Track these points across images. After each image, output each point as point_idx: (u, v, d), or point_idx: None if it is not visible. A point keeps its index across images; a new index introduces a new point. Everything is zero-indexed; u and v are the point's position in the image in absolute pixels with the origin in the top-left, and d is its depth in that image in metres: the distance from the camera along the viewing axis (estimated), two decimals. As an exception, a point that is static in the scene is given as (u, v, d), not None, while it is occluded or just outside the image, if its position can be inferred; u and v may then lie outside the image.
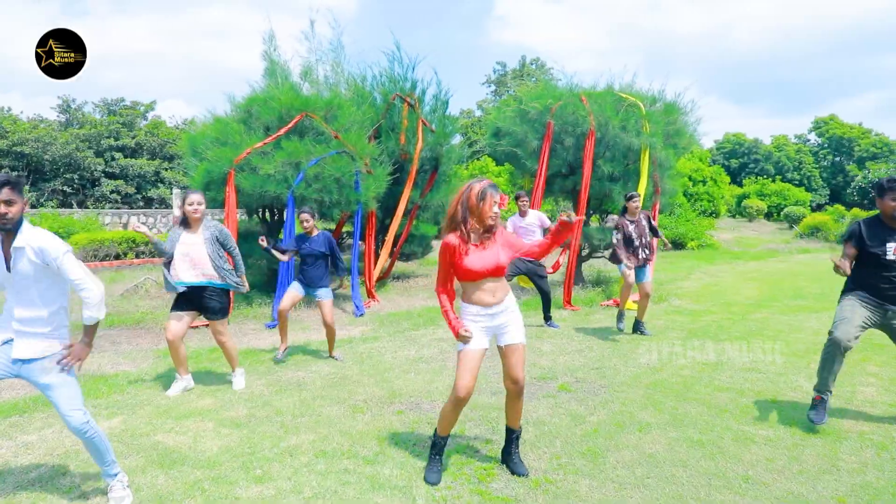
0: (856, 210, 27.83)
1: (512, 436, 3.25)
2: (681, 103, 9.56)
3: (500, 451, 3.36)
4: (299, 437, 3.71)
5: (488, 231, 2.96)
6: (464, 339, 2.94)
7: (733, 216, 31.15)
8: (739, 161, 52.19)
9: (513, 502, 2.90)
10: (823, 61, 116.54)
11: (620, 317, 6.93)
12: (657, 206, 9.60)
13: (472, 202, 2.91)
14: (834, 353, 3.77)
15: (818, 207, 46.58)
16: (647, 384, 4.86)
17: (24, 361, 2.68)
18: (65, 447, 3.54)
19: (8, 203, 2.57)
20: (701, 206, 19.65)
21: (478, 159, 24.31)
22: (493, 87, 48.34)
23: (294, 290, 5.56)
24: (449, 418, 3.12)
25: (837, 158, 52.30)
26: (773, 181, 31.48)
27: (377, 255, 10.14)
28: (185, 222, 4.60)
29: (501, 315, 3.05)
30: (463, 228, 2.92)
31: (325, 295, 5.55)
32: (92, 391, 4.56)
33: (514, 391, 3.10)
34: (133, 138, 25.33)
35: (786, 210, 26.58)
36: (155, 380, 4.99)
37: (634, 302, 8.83)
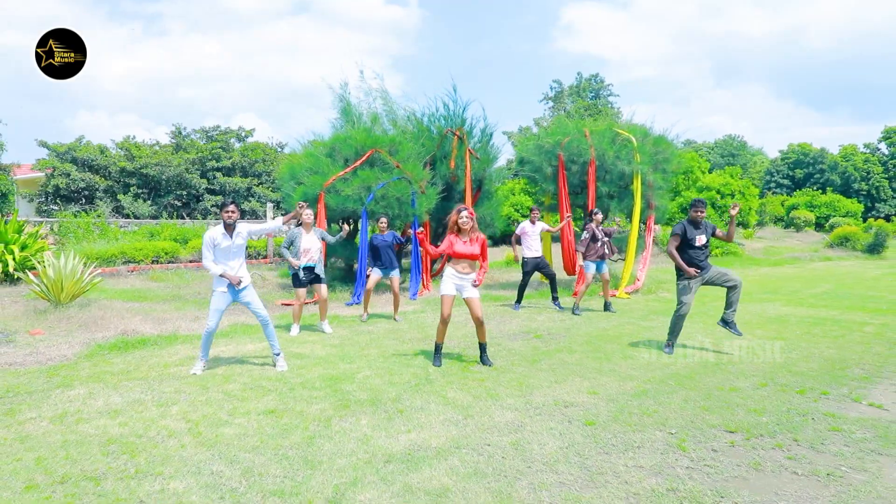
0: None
1: (482, 346, 5.93)
2: (668, 135, 11.86)
3: (478, 356, 6.03)
4: (369, 351, 6.52)
5: (466, 234, 5.65)
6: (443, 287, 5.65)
7: (786, 227, 32.01)
8: (804, 171, 51.67)
9: (479, 373, 5.56)
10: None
11: (576, 307, 9.24)
12: (652, 219, 11.89)
13: (453, 216, 5.64)
14: (678, 318, 6.26)
15: (887, 218, 45.75)
16: (594, 336, 7.37)
17: (238, 290, 5.61)
18: (246, 350, 6.51)
19: (233, 212, 5.52)
20: (728, 217, 21.01)
21: (525, 176, 26.72)
22: (550, 104, 50.42)
23: (375, 275, 8.46)
24: (441, 332, 5.84)
25: (909, 168, 50.77)
26: (823, 192, 32.05)
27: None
28: (300, 225, 7.54)
29: (466, 279, 5.72)
30: (453, 228, 5.64)
31: (395, 274, 8.47)
32: (245, 331, 7.58)
33: (478, 322, 5.78)
34: (230, 159, 29.56)
35: (831, 221, 27.46)
36: (278, 329, 7.96)
37: (626, 293, 11.23)
